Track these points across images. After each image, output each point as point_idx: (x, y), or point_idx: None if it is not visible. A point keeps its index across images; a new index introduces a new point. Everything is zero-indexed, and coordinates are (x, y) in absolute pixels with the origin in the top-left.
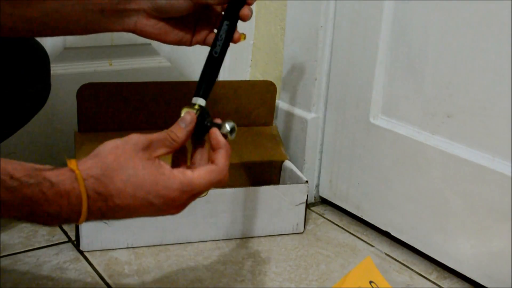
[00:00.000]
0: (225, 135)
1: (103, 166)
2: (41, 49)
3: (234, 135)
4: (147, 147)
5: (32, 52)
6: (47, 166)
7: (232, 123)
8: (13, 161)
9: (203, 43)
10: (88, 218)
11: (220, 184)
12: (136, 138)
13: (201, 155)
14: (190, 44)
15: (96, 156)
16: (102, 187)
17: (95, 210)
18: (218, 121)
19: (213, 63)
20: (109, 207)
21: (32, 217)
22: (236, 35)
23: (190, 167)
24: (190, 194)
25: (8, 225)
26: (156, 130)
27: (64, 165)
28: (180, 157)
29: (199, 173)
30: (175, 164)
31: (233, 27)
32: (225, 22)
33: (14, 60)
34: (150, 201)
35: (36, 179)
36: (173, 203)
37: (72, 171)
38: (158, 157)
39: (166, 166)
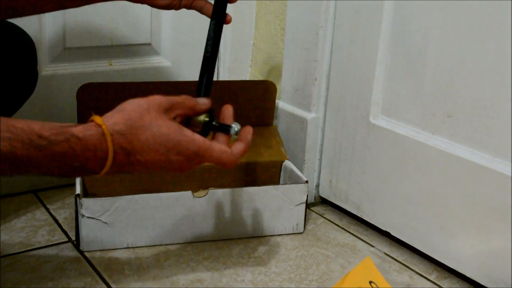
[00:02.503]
0: (231, 135)
1: (128, 122)
2: (26, 36)
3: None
4: (169, 108)
5: (18, 40)
6: (73, 123)
7: (239, 126)
8: (39, 121)
9: (189, 7)
10: (109, 171)
11: (225, 166)
12: (158, 99)
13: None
14: (178, 7)
15: (121, 112)
16: (127, 143)
17: (117, 163)
18: (227, 119)
19: (207, 62)
20: (131, 161)
21: (57, 170)
22: (228, 18)
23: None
24: (202, 160)
25: (8, 225)
26: None
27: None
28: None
29: (215, 146)
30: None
31: (220, 26)
32: (212, 22)
33: None
34: (169, 158)
35: (64, 136)
36: (187, 163)
37: (99, 125)
38: (176, 116)
39: (186, 129)
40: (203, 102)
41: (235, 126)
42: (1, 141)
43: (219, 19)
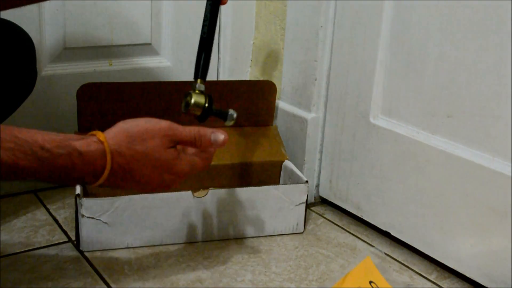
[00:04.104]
0: (227, 121)
1: (130, 145)
2: (25, 35)
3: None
4: (173, 139)
5: (16, 38)
6: (75, 136)
7: (236, 113)
8: (42, 132)
9: None
10: (102, 184)
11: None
12: (164, 130)
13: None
14: None
15: (125, 133)
16: (126, 163)
17: (112, 180)
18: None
19: (204, 43)
20: (125, 178)
21: (54, 179)
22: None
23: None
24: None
25: (8, 225)
26: None
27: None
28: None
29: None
30: None
31: (216, 6)
32: (208, 2)
33: None
34: (163, 178)
35: (66, 149)
36: (179, 180)
37: (101, 142)
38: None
39: (184, 155)
40: (216, 138)
41: (233, 113)
42: (4, 151)
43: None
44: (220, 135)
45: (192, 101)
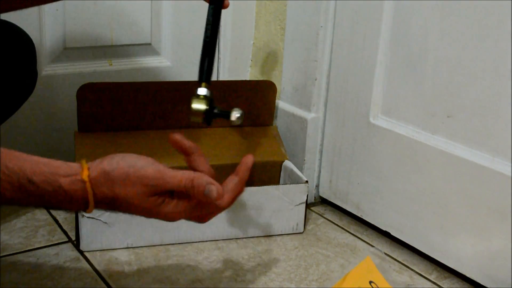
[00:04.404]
0: (232, 121)
1: (112, 187)
2: (25, 36)
3: (241, 120)
4: (157, 192)
5: (17, 39)
6: (62, 169)
7: (241, 111)
8: (31, 160)
9: None
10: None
11: (219, 209)
12: (147, 182)
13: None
14: None
15: (106, 174)
16: (109, 205)
17: (100, 208)
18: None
19: (207, 47)
20: (114, 207)
21: (41, 207)
22: (226, 3)
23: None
24: (184, 217)
25: (8, 225)
26: (155, 130)
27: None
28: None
29: (185, 203)
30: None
31: (218, 10)
32: (211, 6)
33: None
34: (152, 216)
35: (53, 186)
36: (173, 219)
37: (84, 182)
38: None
39: (165, 204)
40: (210, 192)
41: (236, 112)
42: None
43: (217, 4)
44: (214, 192)
45: (191, 107)
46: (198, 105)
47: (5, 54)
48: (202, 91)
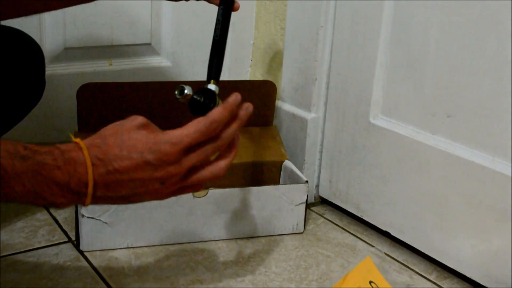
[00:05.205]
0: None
1: (102, 137)
2: (35, 45)
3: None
4: (145, 125)
5: (27, 48)
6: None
7: (186, 87)
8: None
9: None
10: (95, 193)
11: (208, 133)
12: (135, 118)
13: None
14: None
15: (96, 134)
16: (102, 153)
17: (99, 179)
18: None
19: (216, 45)
20: (110, 173)
21: (44, 189)
22: (236, 5)
23: None
24: (181, 147)
25: (8, 225)
26: None
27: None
28: None
29: (186, 125)
30: None
31: (228, 10)
32: (220, 7)
33: (8, 56)
34: (145, 159)
35: (47, 148)
36: (167, 158)
37: (76, 142)
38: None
39: (157, 130)
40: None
41: (184, 87)
42: None
43: (227, 4)
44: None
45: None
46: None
47: (15, 62)
48: (211, 87)
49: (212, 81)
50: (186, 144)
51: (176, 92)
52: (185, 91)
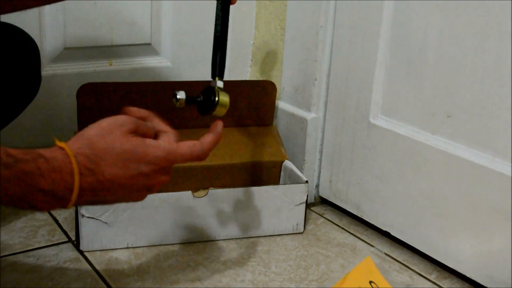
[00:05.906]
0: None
1: (91, 145)
2: (30, 41)
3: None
4: (133, 129)
5: (22, 44)
6: (40, 147)
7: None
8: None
9: None
10: (79, 198)
11: (198, 159)
12: (121, 120)
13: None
14: None
15: (82, 137)
16: (91, 163)
17: (86, 186)
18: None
19: (218, 42)
20: (101, 182)
21: (27, 196)
22: None
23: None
24: (174, 163)
25: (8, 225)
26: None
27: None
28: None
29: (183, 145)
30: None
31: (226, 6)
32: (219, 2)
33: (2, 50)
34: (141, 170)
35: (32, 155)
36: (160, 170)
37: (62, 148)
38: (142, 134)
39: (150, 139)
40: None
41: (176, 92)
42: None
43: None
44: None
45: (221, 100)
46: (226, 98)
47: (10, 58)
48: (221, 83)
49: (217, 78)
50: (178, 161)
51: (173, 99)
52: (178, 96)
